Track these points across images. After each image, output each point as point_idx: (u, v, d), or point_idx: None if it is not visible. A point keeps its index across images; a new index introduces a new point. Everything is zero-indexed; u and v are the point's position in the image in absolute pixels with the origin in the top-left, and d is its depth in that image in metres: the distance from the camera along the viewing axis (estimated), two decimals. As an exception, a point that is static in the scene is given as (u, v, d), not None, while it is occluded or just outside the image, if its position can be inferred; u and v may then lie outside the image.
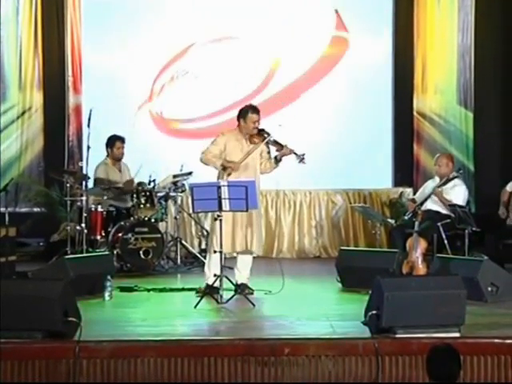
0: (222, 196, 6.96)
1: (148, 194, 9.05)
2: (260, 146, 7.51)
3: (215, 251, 7.13)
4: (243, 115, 7.52)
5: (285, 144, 7.50)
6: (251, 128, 7.48)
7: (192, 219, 10.30)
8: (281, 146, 7.50)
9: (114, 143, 9.41)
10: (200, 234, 10.16)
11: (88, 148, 8.71)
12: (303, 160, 7.44)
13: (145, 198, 9.02)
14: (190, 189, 7.99)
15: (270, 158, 7.61)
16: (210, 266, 7.37)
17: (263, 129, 7.55)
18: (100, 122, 9.05)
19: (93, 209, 9.03)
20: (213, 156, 7.48)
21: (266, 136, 7.50)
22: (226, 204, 6.99)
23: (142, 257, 8.86)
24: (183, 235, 10.14)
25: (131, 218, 9.02)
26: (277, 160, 7.56)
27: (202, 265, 8.66)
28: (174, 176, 9.39)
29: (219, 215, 7.05)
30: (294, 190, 10.75)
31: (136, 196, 9.03)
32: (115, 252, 8.75)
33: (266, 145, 7.55)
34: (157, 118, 11.05)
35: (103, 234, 9.02)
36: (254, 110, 7.52)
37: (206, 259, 7.81)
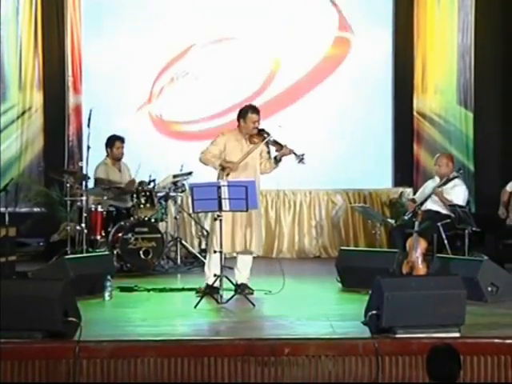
0: (222, 196, 6.96)
1: (148, 193, 9.05)
2: (260, 146, 7.50)
3: (215, 251, 7.13)
4: (243, 115, 7.51)
5: (284, 144, 7.49)
6: (251, 128, 7.47)
7: (192, 219, 10.29)
8: (280, 146, 7.49)
9: (114, 143, 9.41)
10: (200, 234, 10.16)
11: (88, 148, 8.71)
12: (303, 160, 7.44)
13: (145, 198, 9.02)
14: (190, 189, 7.99)
15: (269, 158, 7.60)
16: (210, 266, 7.37)
17: (263, 129, 7.54)
18: (100, 122, 9.06)
19: (93, 209, 9.03)
20: (212, 156, 7.47)
21: (265, 136, 7.49)
22: (225, 204, 6.99)
23: (142, 257, 8.86)
24: (183, 235, 10.14)
25: (131, 218, 9.02)
26: (276, 160, 7.55)
27: (202, 265, 8.66)
28: (174, 176, 9.39)
29: (219, 215, 7.04)
30: (294, 190, 10.74)
31: (136, 196, 9.03)
32: (115, 252, 8.75)
33: (266, 145, 7.54)
34: (156, 120, 11.02)
35: (103, 234, 9.02)
36: (254, 110, 7.51)
37: (206, 259, 7.81)
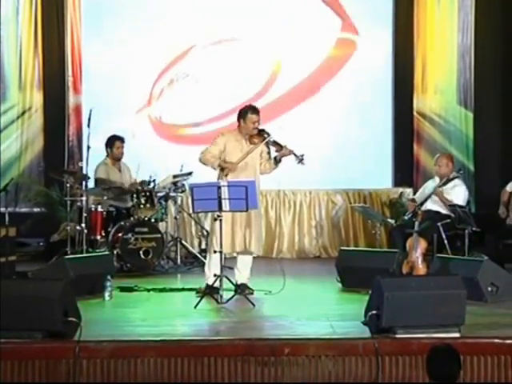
0: (222, 196, 6.96)
1: (148, 194, 9.05)
2: (260, 147, 7.50)
3: (215, 251, 7.13)
4: (243, 116, 7.50)
5: (284, 145, 7.48)
6: (251, 128, 7.47)
7: (192, 219, 10.29)
8: (280, 146, 7.49)
9: (114, 143, 9.41)
10: (200, 234, 10.15)
11: (88, 148, 8.71)
12: (302, 161, 7.43)
13: (145, 198, 9.02)
14: (190, 189, 7.99)
15: (269, 158, 7.59)
16: (210, 266, 7.36)
17: (263, 129, 7.54)
18: (100, 122, 9.05)
19: (93, 209, 9.03)
20: (211, 156, 7.47)
21: (265, 136, 7.49)
22: (225, 204, 6.99)
23: (142, 257, 8.86)
24: (183, 235, 10.14)
25: (131, 218, 9.02)
26: (276, 161, 7.54)
27: (202, 265, 8.66)
28: (174, 176, 9.39)
29: (219, 215, 7.04)
30: (294, 190, 10.73)
31: (136, 196, 9.03)
32: (115, 252, 8.75)
33: (266, 145, 7.54)
34: (156, 123, 10.99)
35: (103, 234, 9.02)
36: (254, 111, 7.50)
37: (206, 259, 7.81)
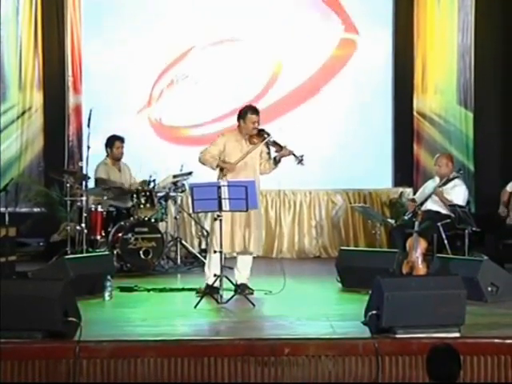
0: (222, 196, 6.96)
1: (148, 193, 9.05)
2: (259, 147, 7.50)
3: (215, 251, 7.13)
4: (243, 116, 7.50)
5: (284, 145, 7.48)
6: (251, 128, 7.47)
7: (192, 219, 10.29)
8: (280, 146, 7.48)
9: (114, 143, 9.41)
10: (200, 234, 10.16)
11: (88, 148, 8.71)
12: (302, 161, 7.43)
13: (145, 198, 9.02)
14: (190, 189, 7.99)
15: (269, 158, 7.58)
16: (210, 266, 7.36)
17: (263, 129, 7.54)
18: (100, 122, 9.05)
19: (93, 209, 9.03)
20: (211, 156, 7.47)
21: (265, 136, 7.48)
22: (225, 204, 6.99)
23: (142, 257, 8.86)
24: (183, 235, 10.13)
25: (131, 218, 9.02)
26: (275, 161, 7.54)
27: (202, 265, 8.66)
28: (174, 176, 9.39)
29: (219, 215, 7.04)
30: (294, 190, 10.72)
31: (136, 196, 9.03)
32: (115, 252, 8.75)
33: (266, 145, 7.54)
34: (156, 125, 10.97)
35: (103, 234, 9.02)
36: (254, 111, 7.50)
37: (206, 259, 7.81)
